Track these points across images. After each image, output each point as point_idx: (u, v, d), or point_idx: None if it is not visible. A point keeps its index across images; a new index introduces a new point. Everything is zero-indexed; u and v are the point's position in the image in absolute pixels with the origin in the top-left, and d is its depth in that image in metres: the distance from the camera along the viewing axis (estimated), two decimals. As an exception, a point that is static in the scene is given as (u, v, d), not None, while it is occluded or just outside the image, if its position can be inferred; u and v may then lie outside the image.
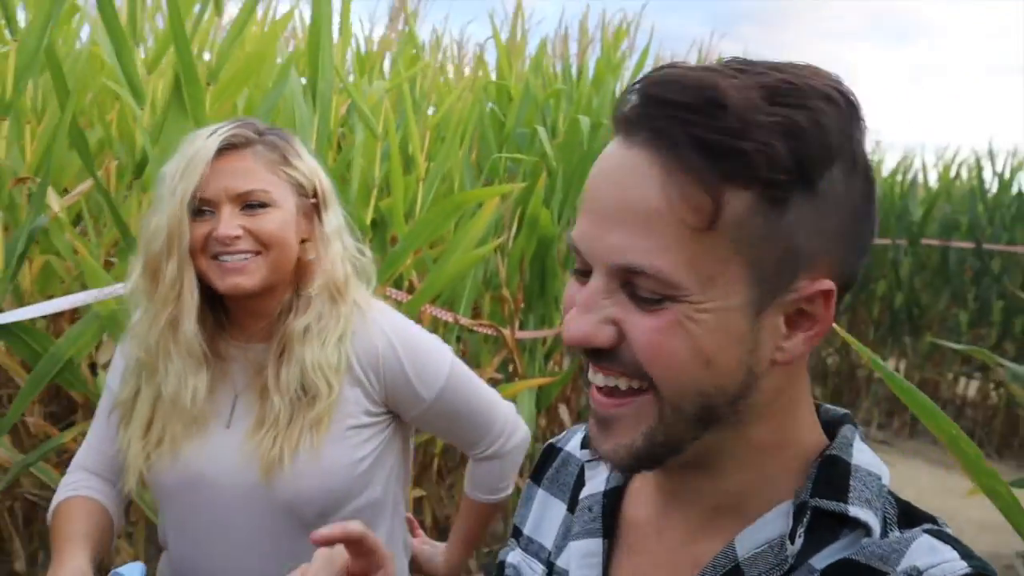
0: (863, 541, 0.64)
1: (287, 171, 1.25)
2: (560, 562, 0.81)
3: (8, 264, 2.00)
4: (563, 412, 4.06)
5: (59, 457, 2.48)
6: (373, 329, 1.32)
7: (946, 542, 0.64)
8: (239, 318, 1.31)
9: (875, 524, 0.64)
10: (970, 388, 7.07)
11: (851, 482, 0.65)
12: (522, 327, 3.60)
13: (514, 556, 0.87)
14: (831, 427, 0.71)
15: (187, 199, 1.19)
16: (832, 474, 0.66)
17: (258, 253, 1.23)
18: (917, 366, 6.97)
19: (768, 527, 0.66)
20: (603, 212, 0.62)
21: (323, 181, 1.32)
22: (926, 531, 0.64)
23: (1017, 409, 6.38)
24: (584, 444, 0.84)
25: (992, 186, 7.49)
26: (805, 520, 0.64)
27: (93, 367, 2.38)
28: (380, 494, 1.35)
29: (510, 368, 3.53)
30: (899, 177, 7.96)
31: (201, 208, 1.22)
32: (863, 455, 0.68)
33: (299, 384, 1.25)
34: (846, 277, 0.63)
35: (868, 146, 0.63)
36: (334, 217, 1.31)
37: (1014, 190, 7.35)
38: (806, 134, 0.57)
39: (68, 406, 2.92)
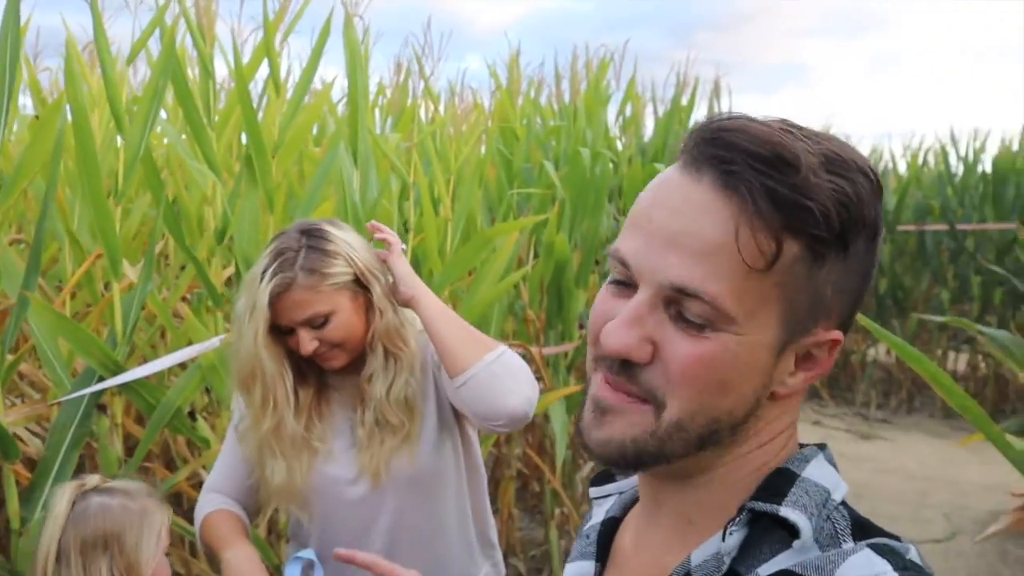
0: (794, 543, 0.65)
1: (328, 284, 1.51)
2: None
3: (125, 328, 2.32)
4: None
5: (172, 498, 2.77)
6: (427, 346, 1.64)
7: (884, 556, 0.63)
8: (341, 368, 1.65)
9: (806, 527, 0.65)
10: (959, 362, 7.45)
11: (792, 489, 0.67)
12: (544, 344, 3.93)
13: None
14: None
15: (260, 337, 1.50)
16: (777, 482, 0.68)
17: (335, 346, 1.55)
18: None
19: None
20: (663, 234, 0.65)
21: (359, 261, 1.55)
22: (870, 545, 0.65)
23: (1007, 374, 6.75)
24: (593, 482, 0.88)
25: (958, 169, 7.94)
26: (738, 520, 0.66)
27: (191, 414, 2.68)
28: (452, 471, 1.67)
29: (539, 382, 3.86)
30: (870, 169, 8.31)
31: (283, 330, 1.54)
32: (817, 470, 0.70)
33: (377, 418, 1.59)
34: (845, 328, 0.70)
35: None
36: (377, 284, 1.57)
37: (979, 171, 7.79)
38: (851, 203, 0.64)
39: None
